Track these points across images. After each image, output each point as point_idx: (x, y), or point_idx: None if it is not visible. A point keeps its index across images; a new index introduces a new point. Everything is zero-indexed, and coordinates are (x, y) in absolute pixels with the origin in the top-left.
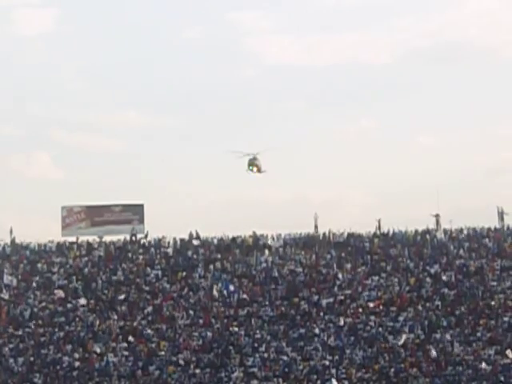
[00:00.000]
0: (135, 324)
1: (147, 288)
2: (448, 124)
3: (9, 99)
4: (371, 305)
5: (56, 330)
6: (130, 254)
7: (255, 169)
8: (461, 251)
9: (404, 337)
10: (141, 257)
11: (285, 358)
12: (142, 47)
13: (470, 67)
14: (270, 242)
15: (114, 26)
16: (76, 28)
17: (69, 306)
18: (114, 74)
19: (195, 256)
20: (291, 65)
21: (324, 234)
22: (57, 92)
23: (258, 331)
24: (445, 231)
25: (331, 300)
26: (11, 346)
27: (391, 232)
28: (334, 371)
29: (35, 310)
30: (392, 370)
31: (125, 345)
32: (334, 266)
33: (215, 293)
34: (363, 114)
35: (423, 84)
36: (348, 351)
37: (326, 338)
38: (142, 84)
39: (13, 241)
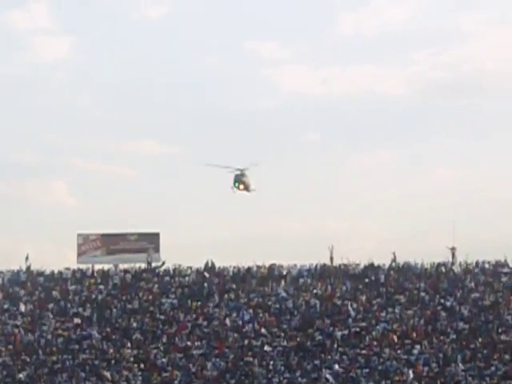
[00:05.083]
0: (149, 353)
1: (162, 317)
2: (464, 156)
3: (25, 126)
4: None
5: (70, 357)
6: (145, 283)
7: (242, 186)
8: (476, 285)
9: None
10: (156, 286)
11: None
12: (158, 76)
13: (486, 100)
14: (285, 272)
15: (131, 55)
16: (92, 56)
17: (83, 333)
18: (130, 102)
19: (210, 286)
20: (307, 95)
21: (339, 265)
22: (73, 120)
23: (271, 362)
24: (460, 264)
25: (346, 332)
26: (25, 373)
27: (407, 265)
28: None
29: (49, 337)
30: None
31: (138, 373)
32: (349, 297)
33: (228, 323)
34: (379, 146)
35: (440, 116)
36: (362, 383)
37: (340, 370)
38: (158, 113)
39: (28, 268)
